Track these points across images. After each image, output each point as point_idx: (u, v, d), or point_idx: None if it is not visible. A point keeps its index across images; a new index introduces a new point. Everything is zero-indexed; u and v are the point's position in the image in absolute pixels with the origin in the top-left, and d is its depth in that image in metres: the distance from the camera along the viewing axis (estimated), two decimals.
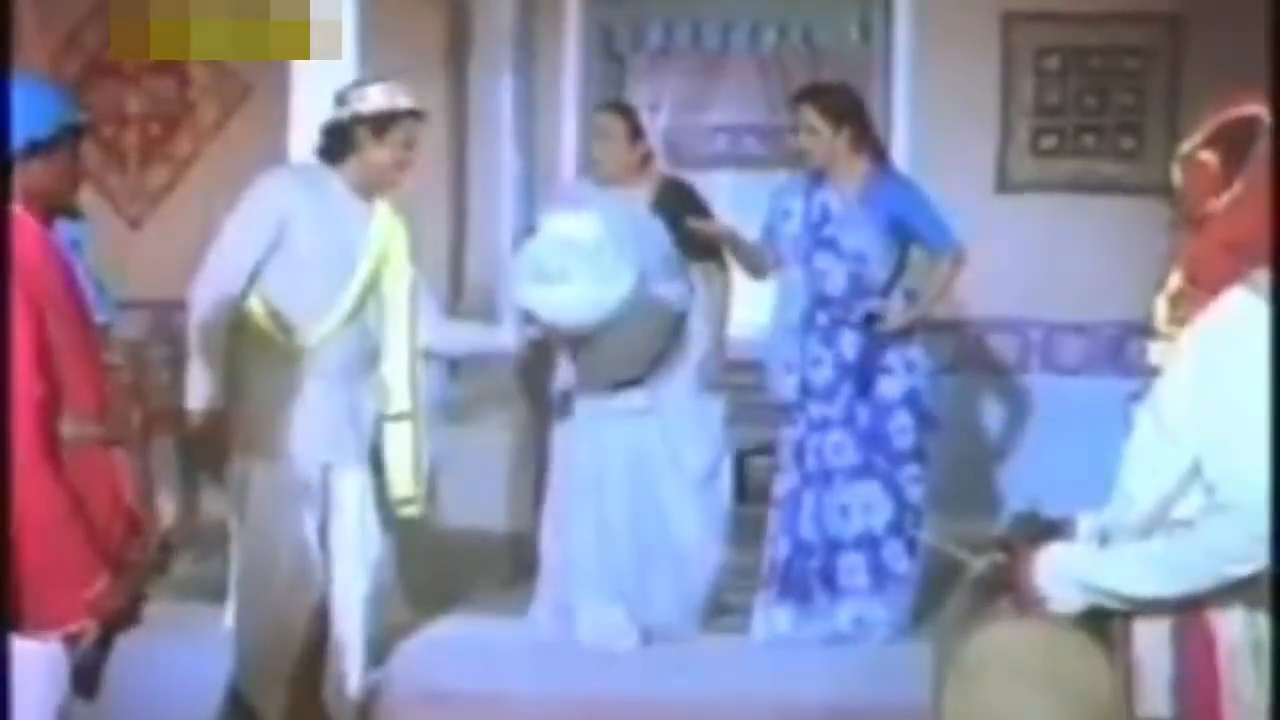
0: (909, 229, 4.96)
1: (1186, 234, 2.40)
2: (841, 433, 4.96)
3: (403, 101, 4.09)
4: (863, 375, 4.93)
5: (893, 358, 4.94)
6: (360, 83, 4.21)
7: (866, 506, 4.96)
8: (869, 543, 4.96)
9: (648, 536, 5.02)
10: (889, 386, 4.95)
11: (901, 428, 4.95)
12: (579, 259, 4.28)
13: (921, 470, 4.99)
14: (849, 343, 4.96)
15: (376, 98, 4.08)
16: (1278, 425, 2.14)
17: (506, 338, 4.35)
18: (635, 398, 4.98)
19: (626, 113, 5.18)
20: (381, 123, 4.03)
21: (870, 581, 4.96)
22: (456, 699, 4.51)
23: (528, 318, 4.28)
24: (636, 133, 5.07)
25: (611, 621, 4.95)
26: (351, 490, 4.08)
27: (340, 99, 4.10)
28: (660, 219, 5.00)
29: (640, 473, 5.00)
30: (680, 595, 5.08)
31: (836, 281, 4.98)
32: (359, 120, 4.04)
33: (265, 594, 4.00)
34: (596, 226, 4.40)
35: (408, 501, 4.17)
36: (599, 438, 4.99)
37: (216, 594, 4.65)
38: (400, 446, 4.15)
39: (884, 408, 4.95)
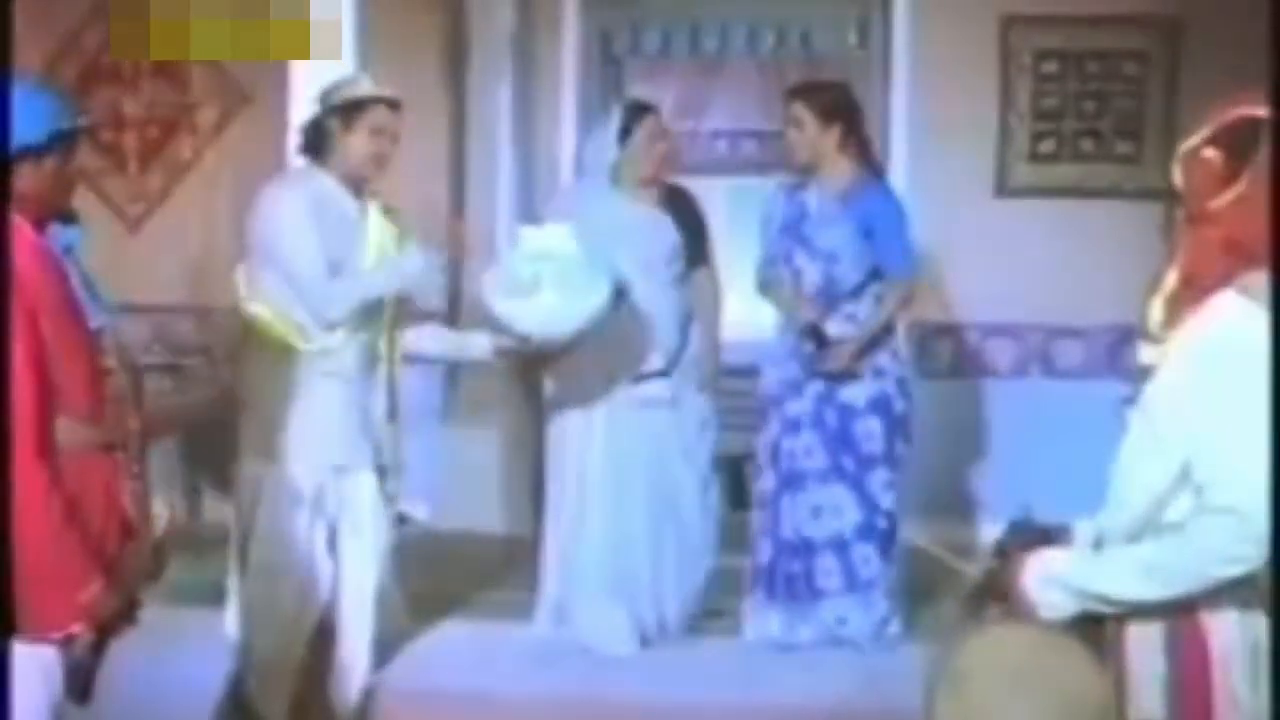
0: (874, 238, 4.94)
1: (1184, 232, 2.40)
2: (811, 434, 4.96)
3: (366, 88, 4.11)
4: (820, 375, 4.92)
5: (860, 363, 4.92)
6: (338, 80, 4.22)
7: (837, 509, 4.95)
8: (840, 545, 4.96)
9: (663, 536, 5.04)
10: (855, 391, 4.92)
11: (869, 432, 4.93)
12: (552, 271, 4.31)
13: (893, 475, 4.95)
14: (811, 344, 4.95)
15: (344, 89, 4.11)
16: (1277, 427, 2.14)
17: (486, 344, 4.37)
18: (661, 388, 5.01)
19: (658, 113, 5.20)
20: (348, 111, 4.04)
21: (843, 584, 4.96)
22: (453, 700, 4.52)
23: (499, 329, 4.32)
24: (663, 133, 5.12)
25: (614, 625, 4.95)
26: (364, 490, 4.10)
27: (320, 98, 4.12)
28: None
29: (659, 470, 5.02)
30: (682, 597, 5.10)
31: (812, 279, 4.97)
32: (329, 112, 4.06)
33: (276, 599, 4.01)
34: (571, 239, 4.44)
35: (389, 500, 4.20)
36: (619, 434, 4.98)
37: (213, 598, 4.64)
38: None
39: (851, 412, 4.93)
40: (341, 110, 4.06)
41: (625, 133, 5.02)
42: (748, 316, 5.96)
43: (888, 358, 4.97)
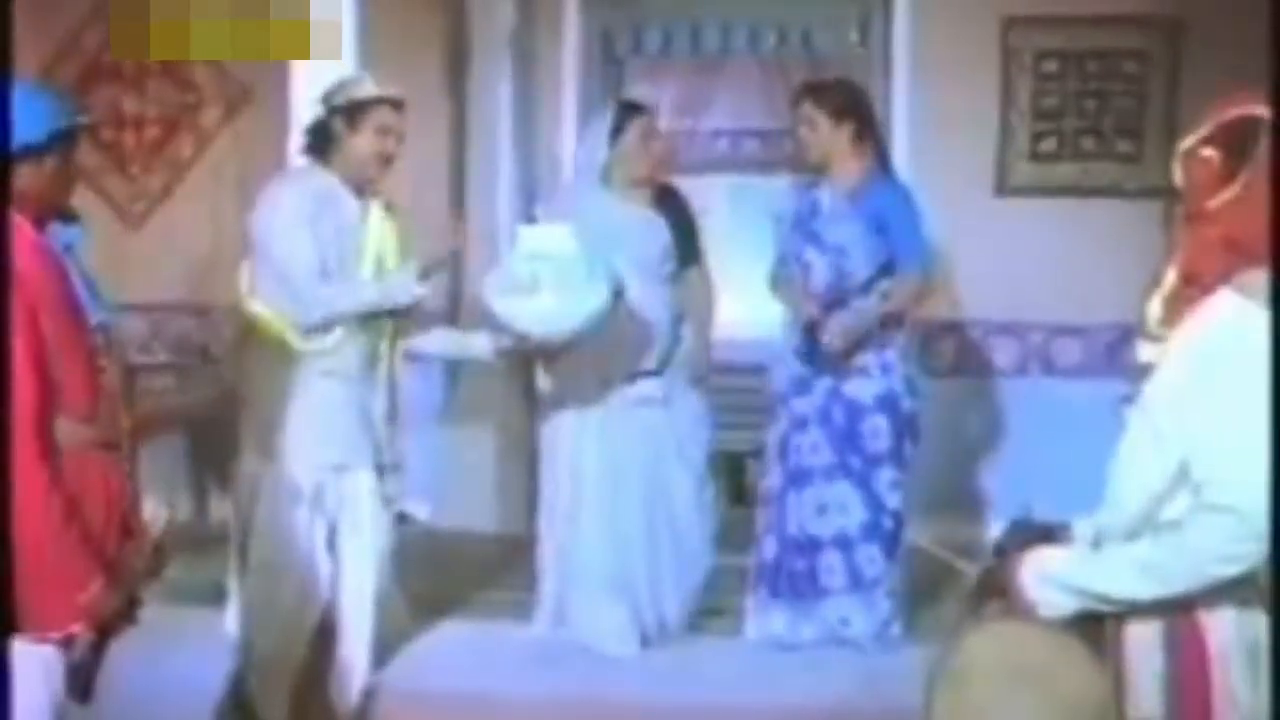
0: (887, 233, 4.93)
1: (1184, 231, 2.40)
2: (818, 431, 4.95)
3: (370, 88, 4.11)
4: (826, 371, 4.91)
5: (868, 359, 4.91)
6: (341, 80, 4.23)
7: (842, 507, 4.94)
8: (845, 543, 4.95)
9: (659, 535, 5.04)
10: (862, 388, 4.91)
11: (875, 430, 4.91)
12: (551, 271, 4.33)
13: (899, 473, 4.93)
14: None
15: (348, 89, 4.12)
16: (1278, 427, 2.14)
17: (487, 344, 4.38)
18: (653, 386, 5.01)
19: (651, 113, 5.20)
20: (352, 112, 4.05)
21: (847, 583, 4.95)
22: (453, 700, 4.52)
23: (499, 328, 4.33)
24: (655, 133, 5.13)
25: (614, 625, 4.95)
26: (363, 489, 4.11)
27: (324, 99, 4.13)
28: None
29: (653, 468, 5.02)
30: (681, 596, 5.10)
31: (821, 275, 4.96)
32: (333, 112, 4.07)
33: (276, 597, 4.02)
34: (570, 239, 4.45)
35: (388, 500, 4.21)
36: (613, 434, 4.99)
37: (214, 598, 4.65)
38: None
39: (858, 409, 4.91)
40: (346, 111, 4.06)
41: (616, 132, 5.02)
42: (748, 315, 5.96)
43: (895, 355, 4.96)
